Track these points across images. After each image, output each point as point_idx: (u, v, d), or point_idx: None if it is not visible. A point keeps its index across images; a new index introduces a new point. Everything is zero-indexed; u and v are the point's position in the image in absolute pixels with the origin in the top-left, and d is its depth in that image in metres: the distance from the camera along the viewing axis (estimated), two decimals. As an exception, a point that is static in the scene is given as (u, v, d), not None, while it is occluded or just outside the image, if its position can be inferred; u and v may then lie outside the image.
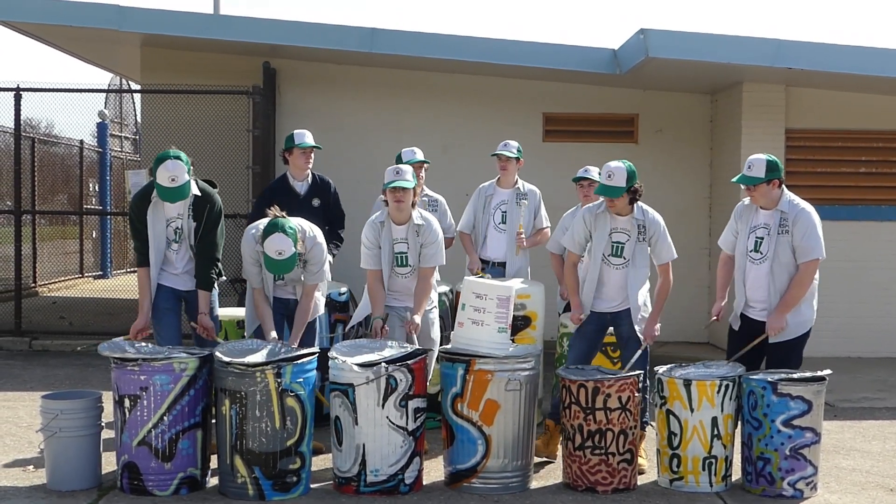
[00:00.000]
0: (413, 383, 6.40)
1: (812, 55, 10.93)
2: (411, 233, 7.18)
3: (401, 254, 7.18)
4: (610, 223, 7.04)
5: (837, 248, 11.87)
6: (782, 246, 6.90)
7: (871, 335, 12.01)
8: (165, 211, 6.96)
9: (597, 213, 7.08)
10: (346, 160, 12.09)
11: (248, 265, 7.03)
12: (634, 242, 7.01)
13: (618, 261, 7.03)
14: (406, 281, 7.23)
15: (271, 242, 6.67)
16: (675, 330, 12.49)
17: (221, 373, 6.31)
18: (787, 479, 6.46)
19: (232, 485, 6.31)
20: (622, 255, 7.02)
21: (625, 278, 7.03)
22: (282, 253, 6.67)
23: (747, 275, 7.03)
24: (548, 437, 7.35)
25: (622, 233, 7.02)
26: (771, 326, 6.86)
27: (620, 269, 7.03)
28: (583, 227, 7.13)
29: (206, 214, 7.00)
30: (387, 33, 11.86)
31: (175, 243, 7.03)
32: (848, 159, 12.10)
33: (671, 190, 12.78)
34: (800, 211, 6.93)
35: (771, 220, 6.95)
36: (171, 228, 7.01)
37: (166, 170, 6.67)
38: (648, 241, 7.04)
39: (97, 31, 12.31)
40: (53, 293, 16.78)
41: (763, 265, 6.95)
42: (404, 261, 7.19)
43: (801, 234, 6.88)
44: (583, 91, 12.93)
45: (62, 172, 19.08)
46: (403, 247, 7.18)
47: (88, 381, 9.74)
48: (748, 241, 7.02)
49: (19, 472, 6.79)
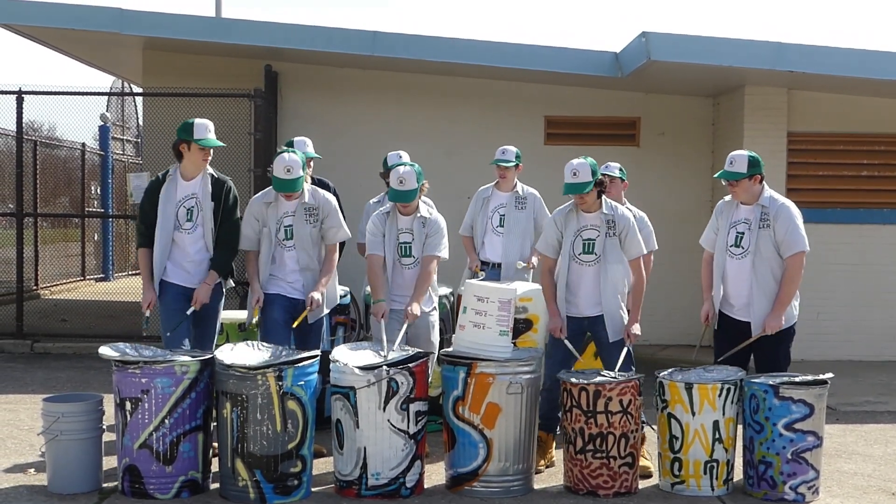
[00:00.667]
0: (414, 386, 6.39)
1: (814, 58, 10.92)
2: (417, 224, 7.21)
3: (405, 244, 7.19)
4: (579, 221, 7.03)
5: (839, 252, 11.91)
6: (764, 240, 6.91)
7: (874, 338, 12.01)
8: (178, 191, 7.04)
9: (566, 214, 7.08)
10: (346, 163, 12.09)
11: (247, 228, 7.16)
12: (605, 238, 6.98)
13: (589, 258, 6.99)
14: (410, 273, 7.21)
15: (281, 160, 6.98)
16: (676, 333, 12.49)
17: (222, 375, 6.31)
18: (789, 483, 6.45)
19: (233, 488, 6.30)
20: (593, 251, 6.99)
21: (597, 276, 6.98)
22: (290, 170, 6.92)
23: (727, 271, 7.03)
24: (543, 450, 7.20)
25: (592, 229, 7.01)
26: (770, 326, 6.86)
27: (592, 266, 6.98)
28: (554, 229, 7.12)
29: (225, 195, 7.11)
30: (388, 36, 11.87)
31: (189, 222, 7.03)
32: (850, 162, 12.09)
33: (673, 193, 12.78)
34: (780, 206, 6.95)
35: (751, 215, 6.97)
36: (185, 208, 7.04)
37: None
38: (618, 237, 7.01)
39: (99, 35, 12.32)
40: (55, 296, 16.78)
41: (744, 260, 6.96)
42: (408, 251, 7.18)
43: (783, 228, 6.89)
44: (584, 94, 12.93)
45: (64, 175, 19.09)
46: (408, 237, 7.19)
47: (90, 383, 9.74)
48: (728, 236, 7.03)
49: (20, 474, 6.79)
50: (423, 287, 7.16)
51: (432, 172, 9.34)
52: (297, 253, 7.14)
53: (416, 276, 7.20)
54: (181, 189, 7.06)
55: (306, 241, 7.12)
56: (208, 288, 7.05)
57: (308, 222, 7.12)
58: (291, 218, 7.12)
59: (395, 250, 7.20)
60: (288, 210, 7.12)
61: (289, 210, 7.12)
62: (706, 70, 11.23)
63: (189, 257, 7.08)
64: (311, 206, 7.15)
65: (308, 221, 7.12)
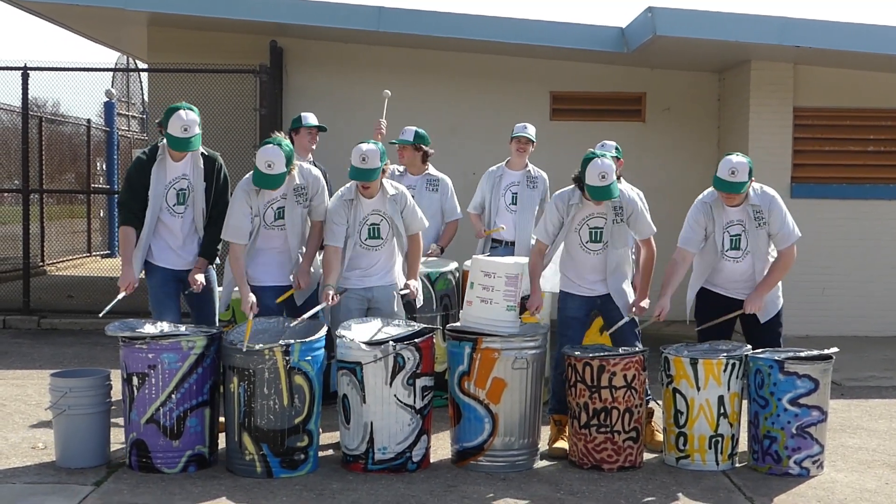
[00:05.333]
0: (421, 361, 6.41)
1: (820, 33, 10.89)
2: (389, 203, 6.99)
3: (374, 225, 6.96)
4: (585, 209, 6.89)
5: (844, 227, 11.91)
6: (761, 238, 6.91)
7: (879, 314, 12.01)
8: (168, 172, 6.83)
9: (570, 203, 6.90)
10: (351, 140, 11.94)
11: (236, 218, 6.81)
12: (612, 224, 6.87)
13: (596, 246, 6.90)
14: (377, 255, 7.01)
15: (263, 152, 6.64)
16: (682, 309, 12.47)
17: (230, 350, 6.33)
18: (794, 458, 6.47)
19: (240, 462, 6.34)
20: (601, 240, 6.89)
21: (603, 262, 6.92)
22: (271, 166, 6.60)
23: (727, 273, 6.99)
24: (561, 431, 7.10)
25: (599, 217, 6.89)
26: (754, 306, 6.87)
27: (599, 254, 6.91)
28: (557, 215, 6.92)
29: (217, 174, 6.95)
30: (393, 11, 11.83)
31: (179, 206, 6.89)
32: (856, 138, 12.06)
33: (678, 168, 12.76)
34: (771, 199, 6.90)
35: (743, 215, 6.90)
36: (175, 190, 6.85)
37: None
38: (626, 221, 6.90)
39: (104, 10, 12.28)
40: (61, 272, 16.82)
41: (744, 261, 6.94)
42: (377, 233, 6.96)
43: (777, 222, 6.87)
44: (590, 70, 12.90)
45: (69, 151, 19.09)
46: (377, 218, 6.97)
47: (97, 359, 9.78)
48: (722, 239, 6.93)
49: (29, 449, 6.83)
50: (416, 263, 7.15)
51: (437, 148, 9.35)
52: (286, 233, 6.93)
53: (384, 255, 7.04)
54: (171, 170, 6.84)
55: (297, 223, 6.93)
56: (200, 272, 6.93)
57: (299, 203, 6.90)
58: (282, 201, 6.87)
59: (360, 234, 6.94)
60: (276, 195, 6.85)
61: (277, 195, 6.85)
62: (712, 45, 11.20)
63: (178, 240, 6.93)
64: (300, 186, 6.88)
65: (298, 202, 6.90)
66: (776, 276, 6.96)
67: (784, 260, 6.95)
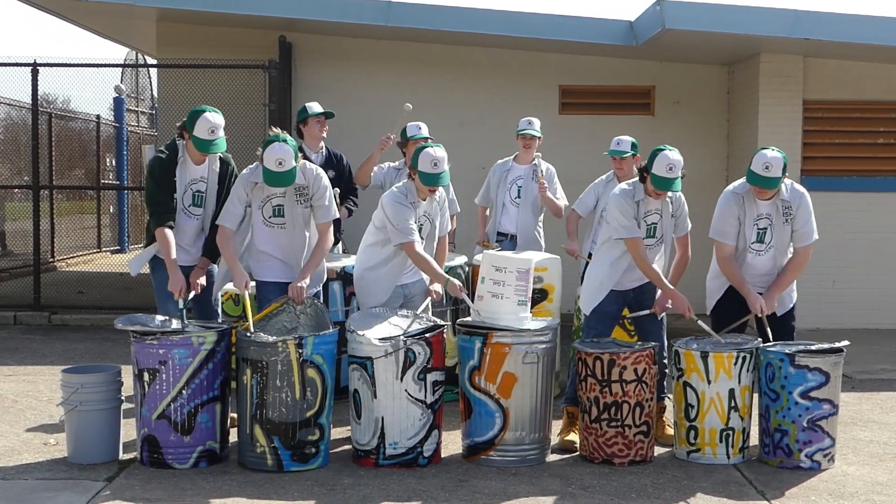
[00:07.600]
0: (431, 356, 6.42)
1: (830, 25, 10.84)
2: (434, 204, 7.01)
3: (420, 226, 6.89)
4: (644, 206, 6.94)
5: (855, 220, 11.87)
6: (786, 234, 6.93)
7: (890, 306, 11.97)
8: (188, 173, 6.84)
9: (637, 200, 6.89)
10: (360, 134, 12.05)
11: (233, 204, 6.72)
12: (665, 220, 7.00)
13: (650, 241, 6.98)
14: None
15: (271, 151, 6.49)
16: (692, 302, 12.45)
17: (244, 342, 6.34)
18: (805, 451, 6.47)
19: (251, 454, 6.35)
20: (655, 235, 6.98)
21: (652, 256, 7.00)
22: (282, 163, 6.49)
23: (748, 266, 6.98)
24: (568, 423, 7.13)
25: (655, 213, 6.98)
26: (768, 306, 6.84)
27: (652, 249, 6.99)
28: (634, 211, 6.86)
29: (229, 177, 6.96)
30: (403, 6, 11.82)
31: (196, 207, 6.90)
32: (866, 130, 12.01)
33: (688, 162, 12.42)
34: (801, 196, 6.91)
35: (772, 209, 6.89)
36: (192, 192, 6.87)
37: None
38: (675, 217, 7.05)
39: (113, 6, 12.30)
40: (71, 268, 16.84)
41: (766, 255, 6.95)
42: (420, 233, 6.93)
43: (803, 219, 6.89)
44: (599, 63, 12.88)
45: (79, 147, 19.13)
46: (424, 220, 6.95)
47: (107, 355, 9.80)
48: (750, 233, 6.93)
49: (41, 445, 6.85)
50: (443, 266, 7.10)
51: (447, 143, 9.30)
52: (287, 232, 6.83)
53: None
54: (190, 172, 6.84)
55: (299, 223, 6.82)
56: (202, 273, 6.94)
57: (299, 203, 6.80)
58: (281, 198, 6.77)
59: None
60: (277, 190, 6.74)
61: (277, 190, 6.74)
62: (721, 38, 11.17)
63: (189, 238, 6.93)
64: (301, 186, 6.76)
65: (299, 202, 6.80)
66: (790, 276, 6.97)
67: (798, 259, 6.95)
